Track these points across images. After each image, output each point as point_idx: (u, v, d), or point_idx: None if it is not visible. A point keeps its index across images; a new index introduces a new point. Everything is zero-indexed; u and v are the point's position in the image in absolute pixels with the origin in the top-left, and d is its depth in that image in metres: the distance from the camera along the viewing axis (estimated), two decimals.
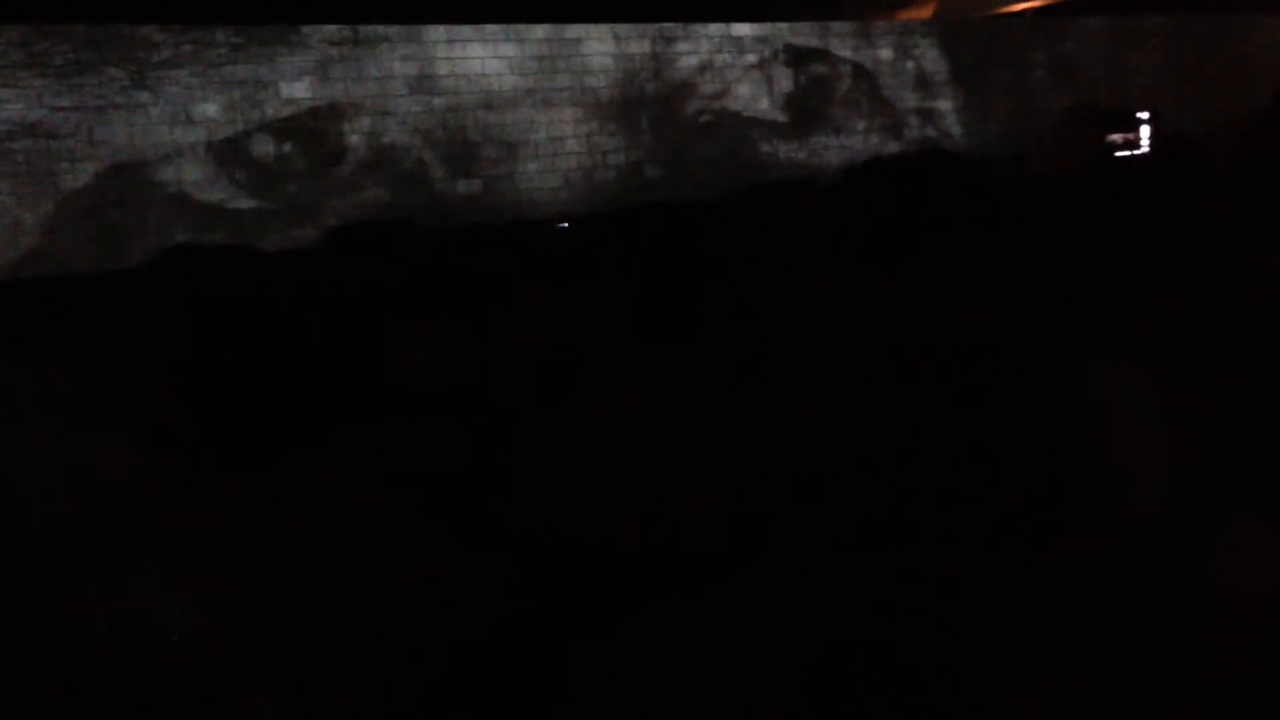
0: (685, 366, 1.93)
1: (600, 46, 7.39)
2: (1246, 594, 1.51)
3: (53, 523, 2.04)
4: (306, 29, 6.31)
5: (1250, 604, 1.51)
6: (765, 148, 8.09)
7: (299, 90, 6.29)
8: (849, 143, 8.46)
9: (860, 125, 8.54)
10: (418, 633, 1.79)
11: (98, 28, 5.75)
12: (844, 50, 8.48)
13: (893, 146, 8.64)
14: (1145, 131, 5.64)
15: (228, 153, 6.07)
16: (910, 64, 8.80)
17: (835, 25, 8.56)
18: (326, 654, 1.69)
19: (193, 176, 5.96)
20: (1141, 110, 5.65)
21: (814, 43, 8.31)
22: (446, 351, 2.30)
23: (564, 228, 6.91)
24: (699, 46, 7.79)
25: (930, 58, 8.90)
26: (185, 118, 5.92)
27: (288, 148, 6.25)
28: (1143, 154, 5.39)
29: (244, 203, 6.11)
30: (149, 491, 1.89)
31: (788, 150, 8.17)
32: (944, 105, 8.97)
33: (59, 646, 1.63)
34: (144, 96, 5.83)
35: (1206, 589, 1.52)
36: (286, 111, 6.24)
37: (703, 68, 7.81)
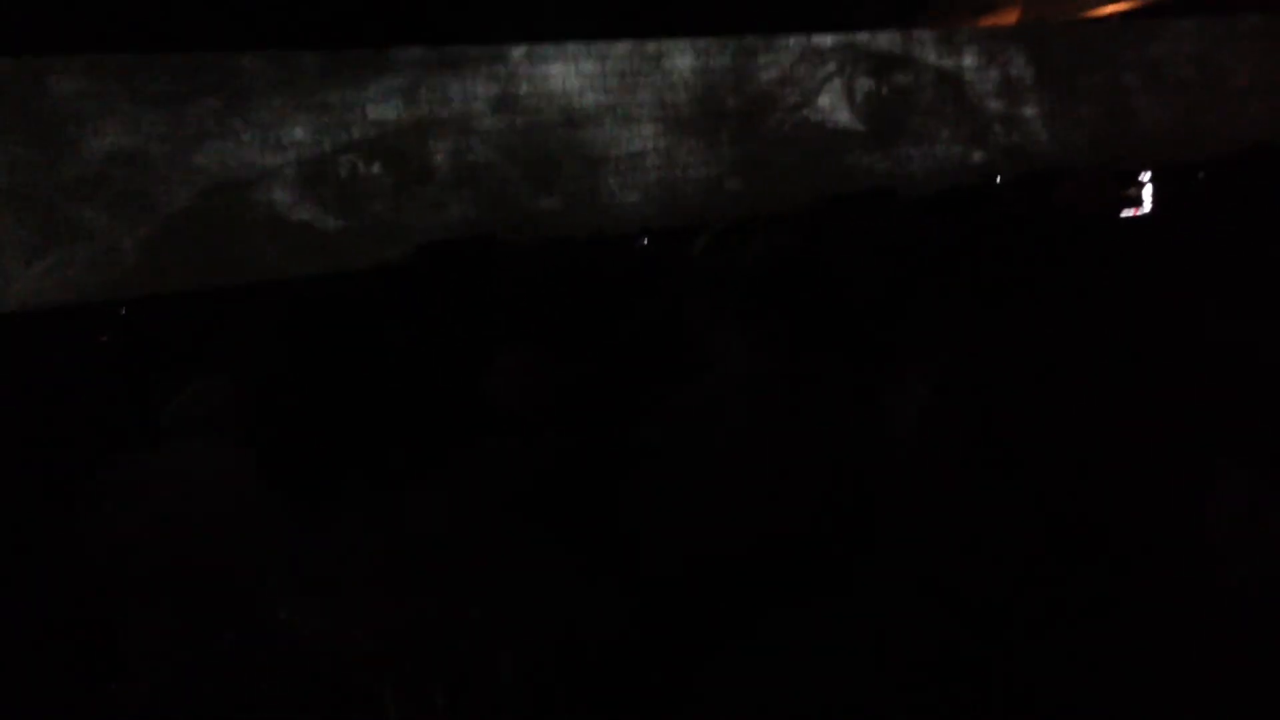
0: (795, 386, 1.92)
1: (681, 61, 7.40)
2: None
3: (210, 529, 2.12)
4: (392, 52, 6.43)
5: None
6: (848, 158, 8.03)
7: (385, 112, 6.41)
8: (933, 151, 8.35)
9: (944, 134, 8.42)
10: (532, 638, 1.81)
11: (194, 57, 5.93)
12: (926, 58, 8.37)
13: (977, 155, 8.51)
14: (1148, 191, 5.51)
15: (316, 174, 6.21)
16: (995, 70, 8.66)
17: (917, 33, 8.45)
18: (449, 657, 1.73)
19: (283, 198, 6.12)
20: (1144, 170, 5.50)
21: (896, 51, 8.23)
22: (539, 372, 2.31)
23: (645, 243, 6.94)
24: (779, 58, 7.76)
25: (1016, 63, 8.74)
26: (275, 141, 6.08)
27: (375, 168, 6.38)
28: (1145, 214, 5.28)
29: (332, 223, 6.26)
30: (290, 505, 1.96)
31: (870, 161, 8.09)
32: (1030, 112, 8.80)
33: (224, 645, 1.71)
34: (236, 123, 6.01)
35: None
36: (373, 133, 6.38)
37: (783, 80, 7.78)
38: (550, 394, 2.25)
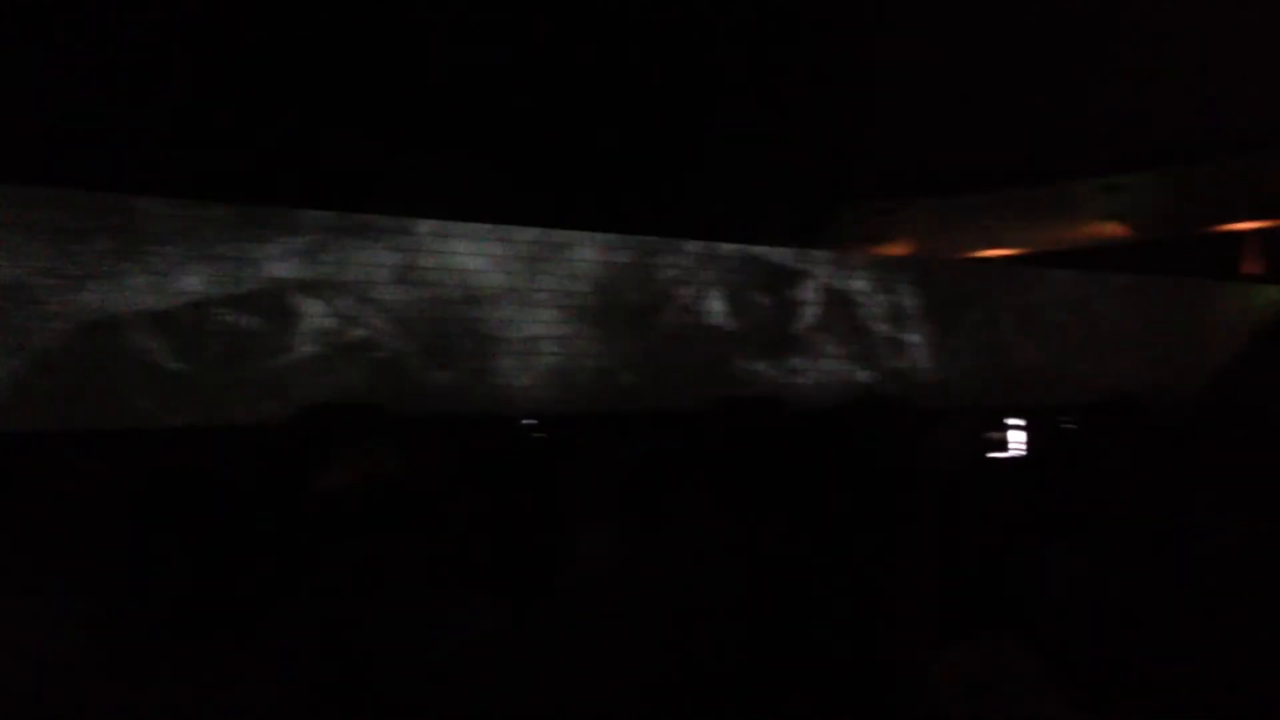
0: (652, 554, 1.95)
1: (585, 253, 7.60)
2: None
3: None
4: (300, 213, 6.49)
5: None
6: (739, 364, 8.23)
7: (283, 270, 6.41)
8: (822, 366, 8.62)
9: (833, 350, 8.72)
10: None
11: (97, 196, 5.90)
12: (822, 277, 8.74)
13: (863, 375, 8.81)
14: (1018, 436, 5.87)
15: (202, 325, 6.13)
16: (885, 296, 9.08)
17: (815, 253, 8.86)
18: None
19: (164, 345, 6.01)
20: (1019, 419, 5.86)
21: (792, 266, 8.58)
22: (403, 542, 2.27)
23: (532, 425, 6.94)
24: (681, 261, 8.02)
25: (905, 292, 9.18)
26: (165, 288, 6.01)
27: (264, 325, 6.33)
28: (1014, 456, 5.62)
29: (213, 375, 6.15)
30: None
31: (761, 368, 8.31)
32: (915, 339, 9.20)
33: None
34: (128, 266, 5.94)
35: None
36: (268, 290, 6.36)
37: (683, 281, 8.02)
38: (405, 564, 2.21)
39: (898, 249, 13.27)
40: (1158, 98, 11.72)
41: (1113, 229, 13.15)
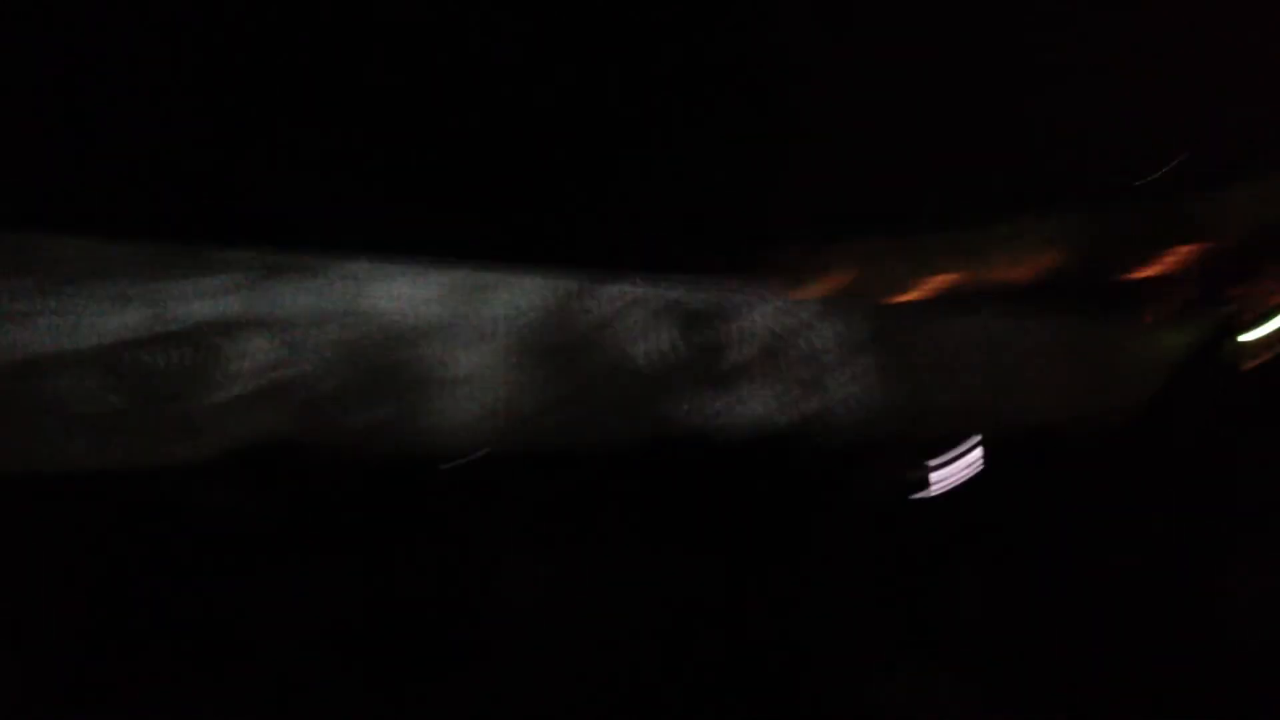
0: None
1: (513, 293, 7.59)
2: None
3: None
4: (222, 253, 6.39)
5: None
6: (666, 404, 8.27)
7: (207, 310, 6.31)
8: (746, 407, 8.69)
9: (759, 390, 8.80)
10: None
11: (11, 235, 5.76)
12: (749, 316, 8.83)
13: (784, 417, 8.90)
14: (942, 471, 5.97)
15: (123, 366, 6.00)
16: (808, 337, 9.19)
17: (739, 291, 8.94)
18: None
19: (83, 388, 5.86)
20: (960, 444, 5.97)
21: (721, 306, 8.65)
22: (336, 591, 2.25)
23: (463, 466, 6.91)
24: (612, 299, 8.05)
25: (828, 334, 9.30)
26: (85, 329, 5.87)
27: (188, 365, 6.20)
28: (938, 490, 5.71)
29: (133, 418, 6.00)
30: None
31: (688, 408, 8.35)
32: (837, 381, 9.32)
33: None
34: (45, 306, 5.79)
35: None
36: (192, 330, 6.23)
37: (612, 321, 8.05)
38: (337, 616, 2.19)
39: (826, 287, 13.45)
40: (1075, 141, 12.07)
41: (1037, 268, 13.46)
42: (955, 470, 5.88)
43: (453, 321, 7.25)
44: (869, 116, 12.54)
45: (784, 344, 9.03)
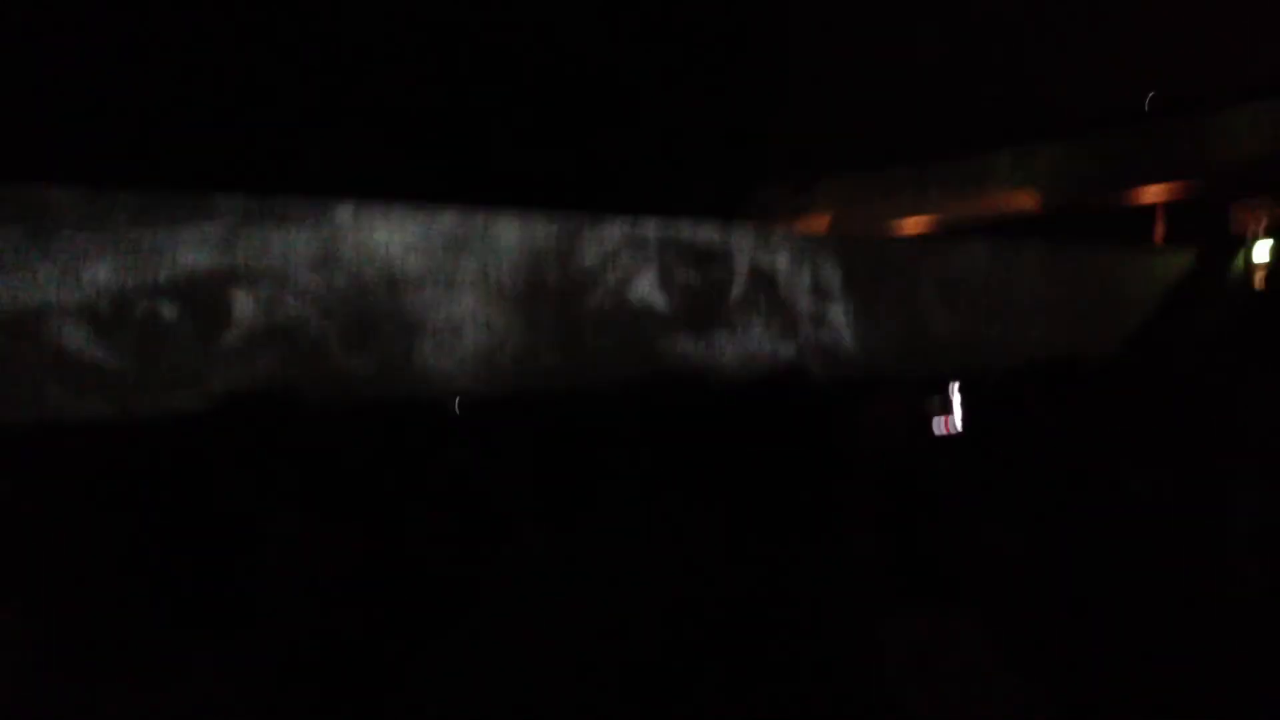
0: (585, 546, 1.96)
1: (506, 233, 7.53)
2: None
3: None
4: (212, 198, 6.32)
5: None
6: (663, 342, 8.24)
7: (197, 258, 6.25)
8: (745, 342, 8.67)
9: (756, 326, 8.78)
10: None
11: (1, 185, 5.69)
12: (744, 253, 8.79)
13: (786, 350, 8.88)
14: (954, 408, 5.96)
15: (113, 316, 5.95)
16: (806, 272, 9.15)
17: (737, 229, 8.89)
18: None
19: (73, 337, 5.82)
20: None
21: (714, 243, 8.60)
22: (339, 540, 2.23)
23: (457, 411, 6.89)
24: (603, 240, 7.99)
25: (826, 268, 9.26)
26: (74, 279, 5.81)
27: (177, 314, 6.16)
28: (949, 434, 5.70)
29: (124, 366, 5.96)
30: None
31: (684, 346, 8.33)
32: (837, 314, 9.30)
33: None
34: (34, 256, 5.73)
35: None
36: (181, 278, 6.17)
37: (605, 261, 8.00)
38: (339, 564, 2.17)
39: (817, 224, 13.38)
40: (1068, 67, 11.96)
41: (1027, 199, 13.41)
42: (957, 405, 5.88)
43: (445, 265, 7.20)
44: (854, 55, 12.37)
45: (784, 279, 9.00)
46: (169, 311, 6.12)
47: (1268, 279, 11.62)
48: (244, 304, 6.38)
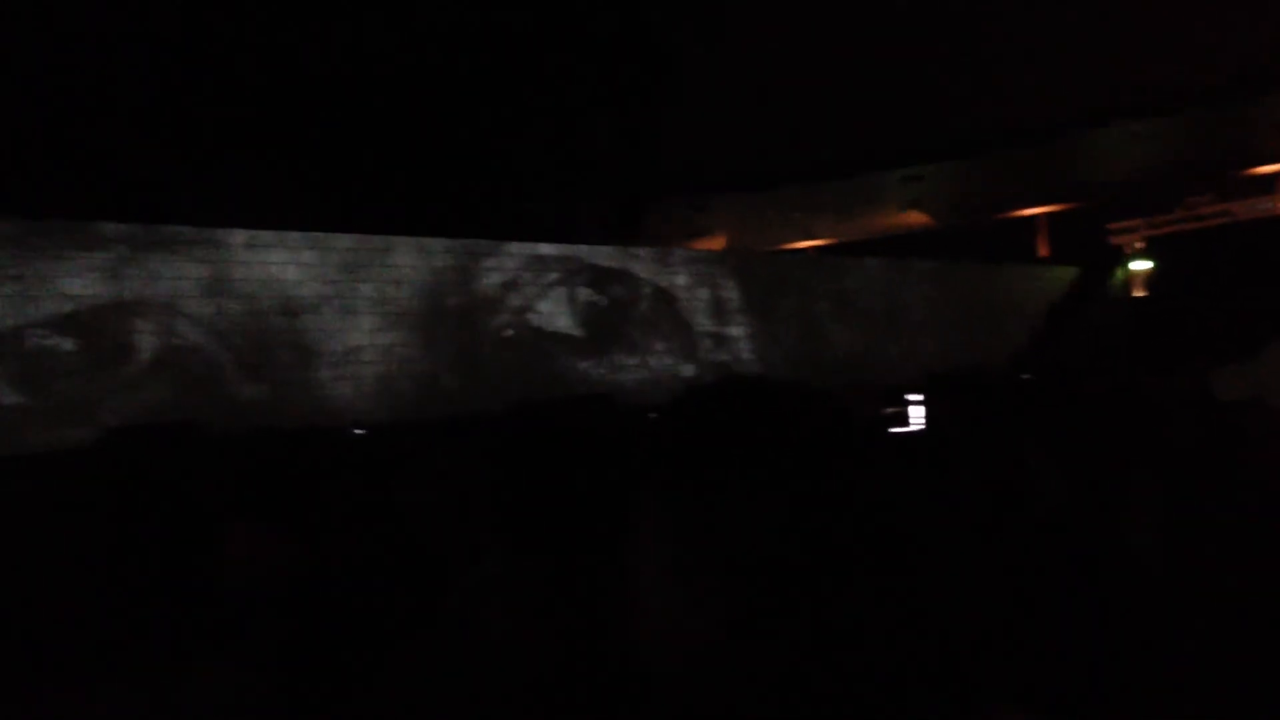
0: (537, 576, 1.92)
1: (405, 258, 7.47)
2: None
3: None
4: (97, 225, 6.14)
5: None
6: (564, 363, 8.25)
7: (83, 287, 6.06)
8: (647, 362, 8.72)
9: (657, 346, 8.84)
10: None
11: None
12: (643, 274, 8.85)
13: (687, 369, 8.96)
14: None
15: (3, 348, 5.73)
16: (705, 290, 9.26)
17: (636, 250, 8.96)
18: None
19: None
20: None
21: (615, 265, 8.65)
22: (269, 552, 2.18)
23: (359, 434, 6.78)
24: (504, 264, 7.98)
25: (724, 286, 9.39)
26: None
27: (65, 345, 5.96)
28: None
29: (13, 400, 5.75)
30: None
31: (586, 366, 8.35)
32: (735, 330, 9.42)
33: None
34: None
35: None
36: (67, 308, 5.99)
37: (506, 284, 7.99)
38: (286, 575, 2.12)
39: (713, 243, 13.54)
40: (956, 89, 12.31)
41: (916, 217, 13.77)
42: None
43: (343, 290, 7.10)
44: (746, 77, 12.58)
45: (683, 298, 9.08)
46: (60, 344, 5.92)
47: (1145, 287, 12.16)
48: (135, 334, 6.21)
